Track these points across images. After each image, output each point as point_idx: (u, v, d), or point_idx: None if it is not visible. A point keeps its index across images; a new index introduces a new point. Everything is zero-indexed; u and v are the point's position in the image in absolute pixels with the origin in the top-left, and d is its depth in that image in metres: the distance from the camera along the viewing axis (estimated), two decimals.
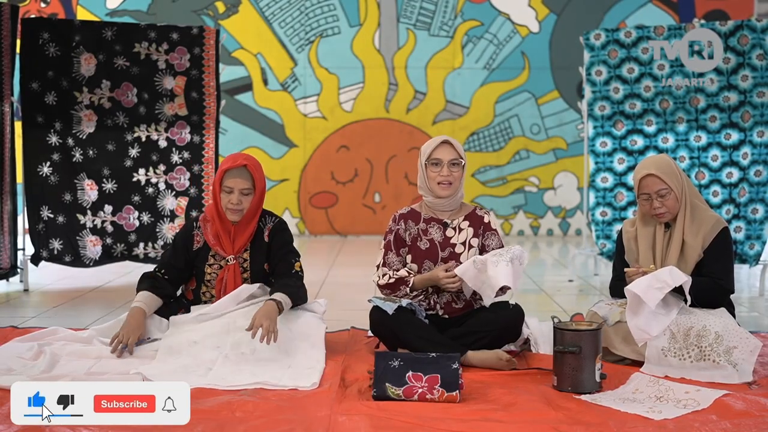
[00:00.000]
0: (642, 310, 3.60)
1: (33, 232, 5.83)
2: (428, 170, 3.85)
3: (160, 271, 3.92)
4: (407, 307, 3.70)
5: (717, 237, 3.77)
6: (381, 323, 3.73)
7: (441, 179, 3.83)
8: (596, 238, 6.53)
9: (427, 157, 3.85)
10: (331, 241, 9.11)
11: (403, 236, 3.90)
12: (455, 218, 3.91)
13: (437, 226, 3.90)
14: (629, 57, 6.29)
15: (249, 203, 3.85)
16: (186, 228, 4.01)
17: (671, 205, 3.78)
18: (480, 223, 3.91)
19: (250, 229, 3.91)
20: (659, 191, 3.77)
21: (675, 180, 3.77)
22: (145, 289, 3.85)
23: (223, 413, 3.02)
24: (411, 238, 3.90)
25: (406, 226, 3.91)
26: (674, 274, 3.58)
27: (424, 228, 3.90)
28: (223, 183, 3.83)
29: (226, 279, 3.89)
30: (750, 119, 5.94)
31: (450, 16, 9.32)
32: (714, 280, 3.74)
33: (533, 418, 3.01)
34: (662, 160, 3.86)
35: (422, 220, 3.91)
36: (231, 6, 9.30)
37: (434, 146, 3.87)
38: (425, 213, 3.93)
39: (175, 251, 3.95)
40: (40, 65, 5.81)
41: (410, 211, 3.95)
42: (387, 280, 3.83)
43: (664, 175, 3.76)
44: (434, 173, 3.84)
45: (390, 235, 3.91)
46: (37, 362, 3.56)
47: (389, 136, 9.38)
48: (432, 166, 3.85)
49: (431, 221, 3.91)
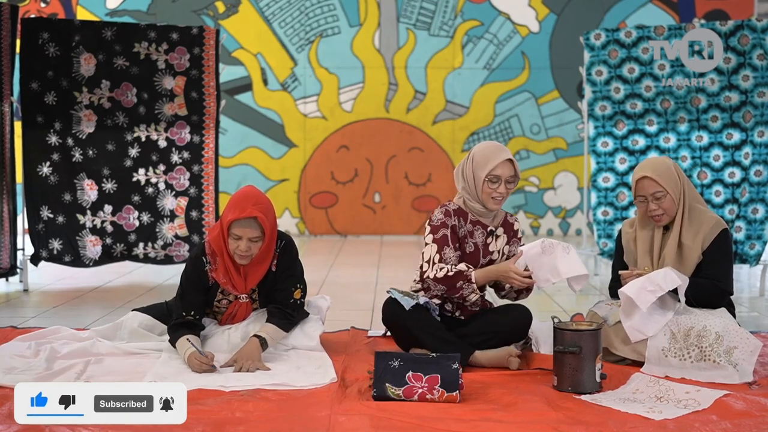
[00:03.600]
0: (635, 312, 3.60)
1: (33, 232, 5.82)
2: (485, 185, 3.70)
3: (190, 313, 3.68)
4: (423, 305, 3.69)
5: (716, 238, 3.76)
6: (395, 316, 3.71)
7: (496, 195, 3.72)
8: (597, 238, 6.53)
9: (487, 173, 3.69)
10: (331, 241, 9.11)
11: (457, 232, 3.75)
12: (496, 225, 3.84)
13: (481, 230, 3.80)
14: (629, 57, 6.29)
15: (258, 249, 3.66)
16: (196, 264, 3.75)
17: (667, 208, 3.76)
18: (511, 230, 3.88)
19: (262, 269, 3.75)
20: (654, 194, 3.76)
21: (671, 183, 3.75)
22: (187, 335, 3.62)
23: (223, 413, 3.02)
24: (461, 237, 3.77)
25: (459, 222, 3.77)
26: (668, 278, 3.57)
27: (470, 230, 3.79)
28: (230, 230, 3.62)
29: (236, 312, 3.83)
30: (751, 119, 5.93)
31: (450, 16, 9.32)
32: (713, 282, 3.73)
33: (533, 418, 3.01)
34: (659, 163, 3.85)
35: (469, 220, 3.79)
36: (231, 6, 9.30)
37: (496, 163, 3.69)
38: (470, 215, 3.80)
39: (196, 290, 3.73)
40: (40, 65, 5.80)
41: (459, 209, 3.78)
42: (446, 273, 3.63)
43: (659, 177, 3.75)
44: (491, 189, 3.70)
45: (445, 229, 3.71)
46: (37, 359, 3.57)
47: (389, 136, 9.37)
48: (489, 182, 3.70)
49: (477, 224, 3.79)
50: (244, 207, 3.61)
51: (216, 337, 3.79)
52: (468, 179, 3.77)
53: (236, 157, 9.28)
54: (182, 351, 3.57)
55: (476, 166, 3.74)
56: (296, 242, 3.94)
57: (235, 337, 3.76)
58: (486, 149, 3.77)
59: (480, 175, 3.72)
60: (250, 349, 3.58)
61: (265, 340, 3.64)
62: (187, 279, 3.76)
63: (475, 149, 3.81)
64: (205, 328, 3.79)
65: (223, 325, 3.86)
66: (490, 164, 3.71)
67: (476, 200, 3.77)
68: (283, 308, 3.77)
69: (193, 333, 3.66)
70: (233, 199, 3.68)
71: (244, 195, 3.68)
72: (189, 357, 3.52)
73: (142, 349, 3.77)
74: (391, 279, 6.36)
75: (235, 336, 3.77)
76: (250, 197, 3.66)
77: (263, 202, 3.69)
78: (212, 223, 5.99)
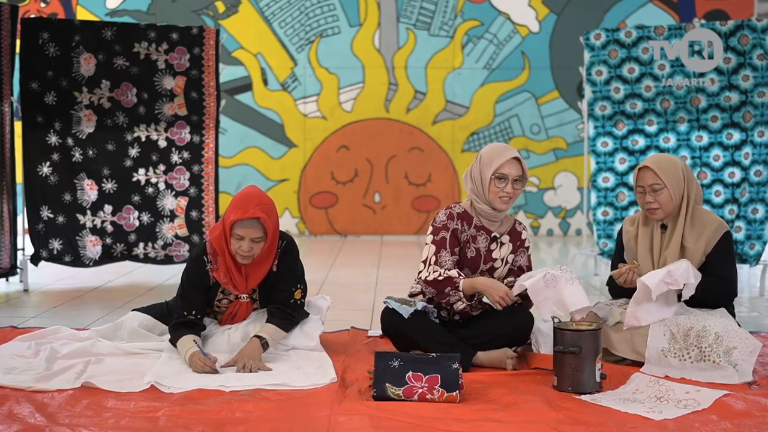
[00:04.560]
0: (644, 301, 3.60)
1: (33, 232, 5.82)
2: (492, 184, 3.70)
3: (191, 313, 3.68)
4: (421, 310, 3.68)
5: (720, 241, 3.75)
6: (393, 326, 3.71)
7: (503, 195, 3.71)
8: (597, 238, 6.53)
9: (494, 171, 3.70)
10: (331, 241, 9.11)
11: (458, 236, 3.74)
12: (502, 232, 3.82)
13: (485, 236, 3.78)
14: (629, 57, 6.29)
15: (260, 249, 3.66)
16: (197, 264, 3.75)
17: (663, 202, 3.75)
18: (518, 239, 3.87)
19: (264, 269, 3.74)
20: (653, 185, 3.76)
21: (672, 179, 3.75)
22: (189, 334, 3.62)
23: (223, 413, 3.02)
24: (463, 241, 3.76)
25: (462, 227, 3.76)
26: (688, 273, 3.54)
27: (473, 234, 3.77)
28: (233, 230, 3.62)
29: (236, 312, 3.83)
30: (751, 119, 5.93)
31: (450, 16, 9.32)
32: (722, 281, 3.73)
33: (533, 418, 3.01)
34: (665, 158, 3.85)
35: (473, 225, 3.78)
36: (231, 6, 9.30)
37: (503, 161, 3.69)
38: (476, 219, 3.79)
39: (197, 290, 3.73)
40: (40, 65, 5.80)
41: (464, 212, 3.78)
42: (436, 276, 3.63)
43: (660, 170, 3.74)
44: (498, 188, 3.70)
45: (445, 231, 3.72)
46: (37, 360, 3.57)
47: (389, 136, 9.38)
48: (497, 180, 3.70)
49: (481, 230, 3.78)
50: (247, 207, 3.61)
51: (216, 337, 3.79)
52: (475, 179, 3.76)
53: (236, 157, 9.28)
54: (184, 350, 3.57)
55: (483, 165, 3.74)
56: (296, 242, 3.93)
57: (235, 337, 3.76)
58: (493, 149, 3.79)
59: (486, 173, 3.72)
60: (250, 350, 3.59)
61: (266, 341, 3.64)
62: (188, 279, 3.75)
63: (482, 150, 3.82)
64: (206, 328, 3.79)
65: (223, 325, 3.86)
66: (496, 162, 3.71)
67: (484, 201, 3.76)
68: (284, 308, 3.76)
69: (195, 333, 3.65)
70: (236, 200, 3.68)
71: (247, 195, 3.68)
72: (191, 356, 3.52)
73: (142, 349, 3.77)
74: (391, 279, 6.37)
75: (235, 336, 3.77)
76: (253, 198, 3.66)
77: (266, 202, 3.69)
78: (212, 223, 5.99)
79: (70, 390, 3.26)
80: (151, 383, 3.33)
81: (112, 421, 2.93)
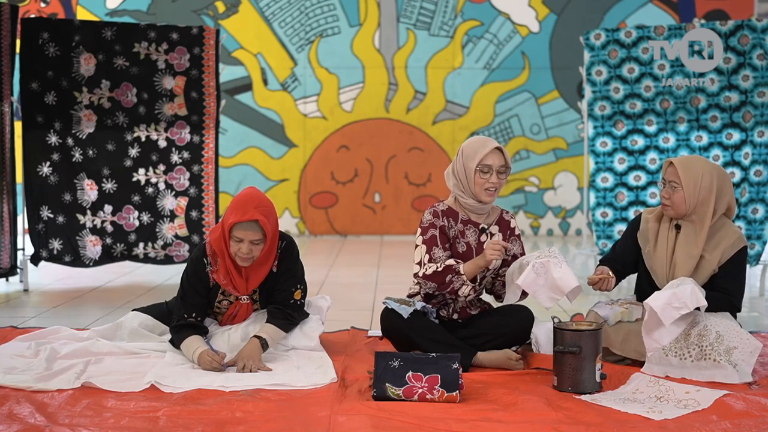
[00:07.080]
0: (657, 326, 3.54)
1: (33, 232, 5.82)
2: (476, 176, 3.71)
3: (191, 315, 3.68)
4: (421, 310, 3.68)
5: (736, 254, 3.72)
6: (393, 326, 3.71)
7: (489, 186, 3.71)
8: (596, 239, 6.52)
9: (477, 162, 3.71)
10: (331, 241, 9.11)
11: (447, 233, 3.76)
12: (489, 223, 3.83)
13: (473, 229, 3.80)
14: (629, 57, 6.29)
15: (260, 251, 3.65)
16: (197, 266, 3.74)
17: (676, 202, 3.74)
18: (507, 228, 3.87)
19: (264, 270, 3.73)
20: (672, 182, 3.74)
21: (691, 184, 3.69)
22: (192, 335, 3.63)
23: (223, 413, 3.02)
24: (452, 237, 3.78)
25: (448, 223, 3.78)
26: (694, 296, 3.49)
27: (461, 229, 3.79)
28: (232, 232, 3.61)
29: (236, 313, 3.82)
30: (751, 119, 5.93)
31: (450, 16, 9.32)
32: (727, 297, 3.71)
33: (533, 418, 3.01)
34: (696, 161, 3.77)
35: (460, 220, 3.80)
36: (231, 6, 9.30)
37: (486, 152, 3.71)
38: (462, 214, 3.81)
39: (197, 292, 3.72)
40: (40, 65, 5.80)
41: (449, 209, 3.80)
42: (435, 269, 3.63)
43: (682, 171, 3.71)
44: (482, 180, 3.71)
45: (433, 230, 3.74)
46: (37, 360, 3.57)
47: (389, 136, 9.38)
48: (481, 172, 3.71)
49: (468, 223, 3.80)
50: (246, 210, 3.60)
51: (216, 337, 3.79)
52: (459, 174, 3.77)
53: (236, 157, 9.28)
54: (192, 349, 3.57)
55: (466, 158, 3.75)
56: (296, 242, 3.93)
57: (235, 337, 3.76)
58: (474, 141, 3.81)
59: (471, 166, 3.72)
60: (250, 350, 3.59)
61: (265, 341, 3.64)
62: (188, 280, 3.75)
63: (463, 144, 3.84)
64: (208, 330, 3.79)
65: (223, 326, 3.86)
66: (479, 154, 3.72)
67: (469, 195, 3.76)
68: (284, 309, 3.77)
69: (198, 334, 3.66)
70: (235, 202, 3.67)
71: (246, 197, 3.67)
72: (201, 354, 3.52)
73: (142, 349, 3.77)
74: (391, 279, 6.37)
75: (235, 336, 3.77)
76: (252, 200, 3.65)
77: (265, 204, 3.68)
78: (212, 224, 6.00)
79: (70, 390, 3.26)
80: (151, 383, 3.33)
81: (112, 421, 2.93)
